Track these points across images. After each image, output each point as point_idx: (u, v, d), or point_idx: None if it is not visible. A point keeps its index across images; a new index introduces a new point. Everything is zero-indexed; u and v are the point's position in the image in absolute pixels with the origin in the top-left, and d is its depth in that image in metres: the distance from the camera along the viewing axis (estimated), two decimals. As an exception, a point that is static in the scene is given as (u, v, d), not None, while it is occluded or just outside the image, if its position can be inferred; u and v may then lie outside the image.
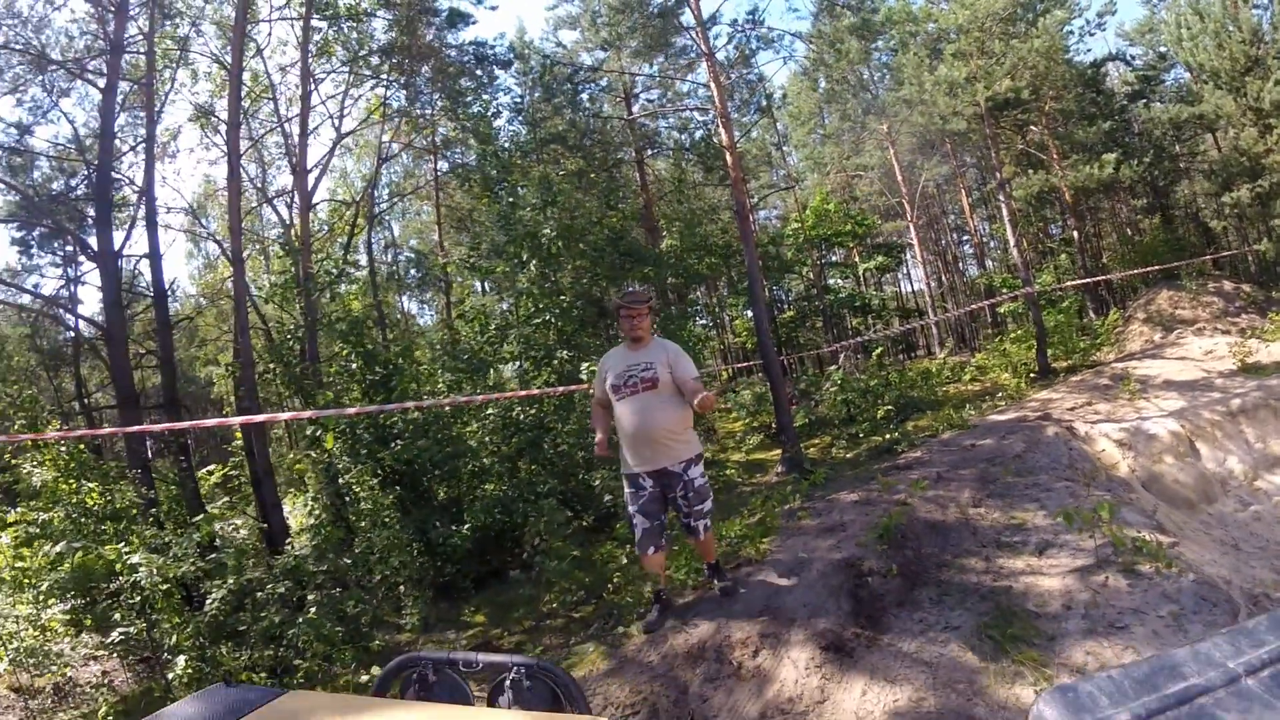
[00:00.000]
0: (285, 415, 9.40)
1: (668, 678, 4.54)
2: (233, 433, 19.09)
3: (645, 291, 5.25)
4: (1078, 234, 25.28)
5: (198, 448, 20.40)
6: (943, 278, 37.66)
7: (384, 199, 25.19)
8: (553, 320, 10.15)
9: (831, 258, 31.52)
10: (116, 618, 6.41)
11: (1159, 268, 18.93)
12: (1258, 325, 14.99)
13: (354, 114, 20.59)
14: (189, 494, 12.85)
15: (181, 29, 15.89)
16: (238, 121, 13.42)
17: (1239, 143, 19.26)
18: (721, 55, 17.12)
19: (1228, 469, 8.35)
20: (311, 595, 6.69)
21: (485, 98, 19.41)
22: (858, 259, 31.90)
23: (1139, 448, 8.27)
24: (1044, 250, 27.79)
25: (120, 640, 6.41)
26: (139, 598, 6.28)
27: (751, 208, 22.95)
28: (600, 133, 20.73)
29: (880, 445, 10.74)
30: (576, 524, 8.43)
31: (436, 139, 23.34)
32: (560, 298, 10.29)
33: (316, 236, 18.09)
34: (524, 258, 10.43)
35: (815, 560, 5.69)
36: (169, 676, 5.88)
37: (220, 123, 16.96)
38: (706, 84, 15.42)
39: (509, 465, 9.19)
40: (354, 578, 7.64)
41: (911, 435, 10.87)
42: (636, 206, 18.96)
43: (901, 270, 38.88)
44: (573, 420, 9.39)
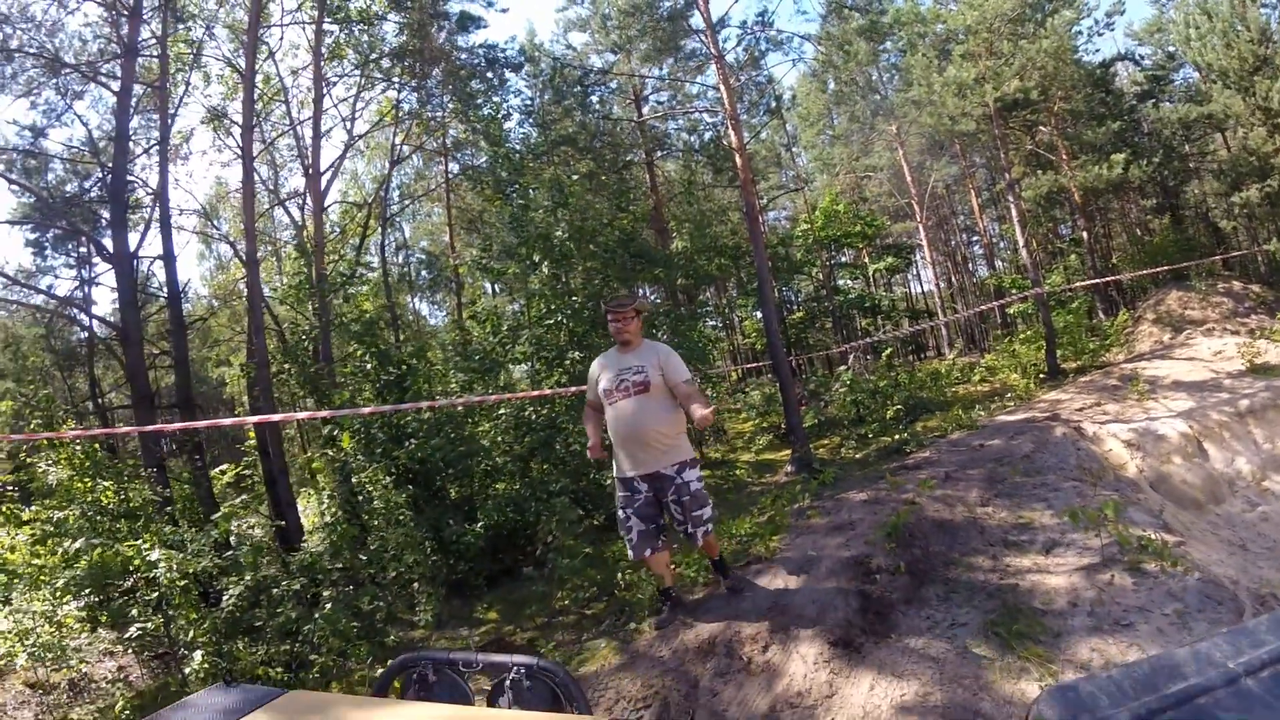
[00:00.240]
0: (302, 415, 9.49)
1: (678, 672, 4.62)
2: (245, 432, 19.21)
3: (631, 295, 5.26)
4: (1087, 234, 25.20)
5: (209, 448, 20.52)
6: (952, 278, 37.61)
7: (395, 201, 25.27)
8: (564, 321, 10.21)
9: (841, 259, 31.51)
10: (134, 613, 6.47)
11: (1168, 268, 18.89)
12: (1267, 326, 14.95)
13: (365, 116, 20.68)
14: (203, 493, 12.96)
15: (194, 32, 15.99)
16: (251, 124, 13.53)
17: (1248, 142, 19.22)
18: (731, 57, 17.16)
19: (1236, 470, 8.36)
20: (327, 592, 6.76)
21: (496, 100, 19.48)
22: (867, 260, 31.90)
23: (1147, 448, 8.29)
24: (1053, 251, 27.72)
25: (137, 636, 6.48)
26: (156, 594, 6.37)
27: (761, 209, 23.02)
28: (610, 134, 20.77)
29: (889, 445, 10.76)
30: (588, 522, 8.48)
31: (447, 141, 23.41)
32: (572, 299, 10.34)
33: (329, 238, 18.19)
34: (536, 259, 10.49)
35: (824, 558, 5.75)
36: (185, 671, 5.95)
37: (233, 125, 17.08)
38: (716, 86, 15.45)
39: (521, 464, 9.24)
40: (368, 575, 7.72)
41: (920, 436, 10.90)
42: (646, 208, 19.01)
43: (911, 271, 38.89)
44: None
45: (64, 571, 6.77)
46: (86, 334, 21.13)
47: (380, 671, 2.19)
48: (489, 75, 20.73)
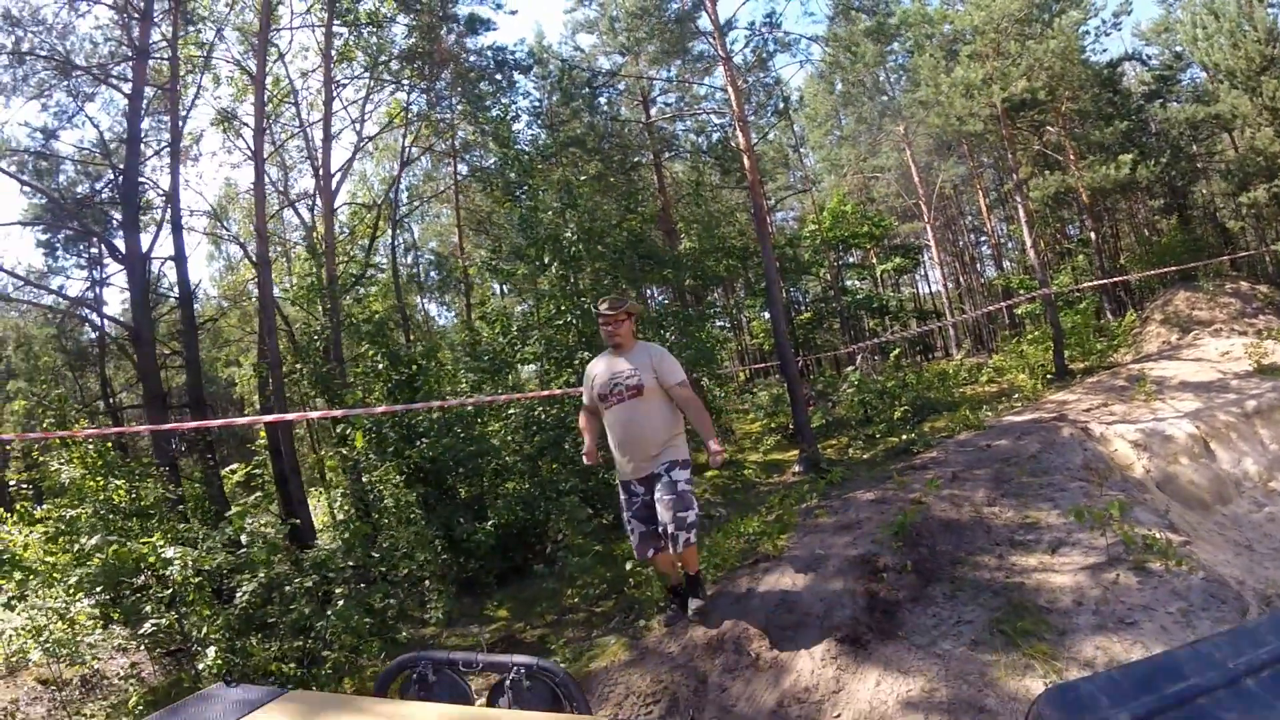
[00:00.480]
0: (316, 414, 9.57)
1: (687, 668, 4.67)
2: (255, 432, 19.30)
3: (622, 297, 5.23)
4: (1095, 235, 25.18)
5: (218, 447, 20.62)
6: (960, 279, 37.58)
7: (404, 202, 25.35)
8: (574, 321, 10.27)
9: (848, 259, 31.56)
10: (147, 610, 6.53)
11: (1176, 268, 18.85)
12: (1274, 326, 14.91)
13: (375, 118, 20.78)
14: (214, 492, 13.06)
15: (204, 34, 16.08)
16: (263, 127, 13.62)
17: (1255, 142, 19.18)
18: (738, 59, 17.19)
19: (1243, 470, 8.34)
20: (339, 589, 6.83)
21: (505, 102, 19.55)
22: (875, 260, 31.93)
23: (1154, 449, 8.29)
24: (1062, 251, 27.69)
25: (150, 632, 6.54)
26: (169, 591, 6.44)
27: (768, 210, 23.04)
28: (618, 136, 20.83)
29: (897, 446, 10.78)
30: (597, 521, 8.55)
31: (456, 143, 23.49)
32: (581, 299, 10.41)
33: (338, 239, 18.29)
34: (545, 260, 10.56)
35: (832, 556, 5.79)
36: (199, 667, 6.02)
37: (243, 126, 17.19)
38: (723, 87, 15.52)
39: (531, 464, 9.31)
40: (379, 573, 7.79)
41: (928, 436, 10.90)
42: (655, 209, 19.07)
43: (919, 271, 38.83)
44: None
45: (76, 569, 6.84)
46: (97, 334, 21.26)
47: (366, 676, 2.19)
48: (498, 77, 20.82)
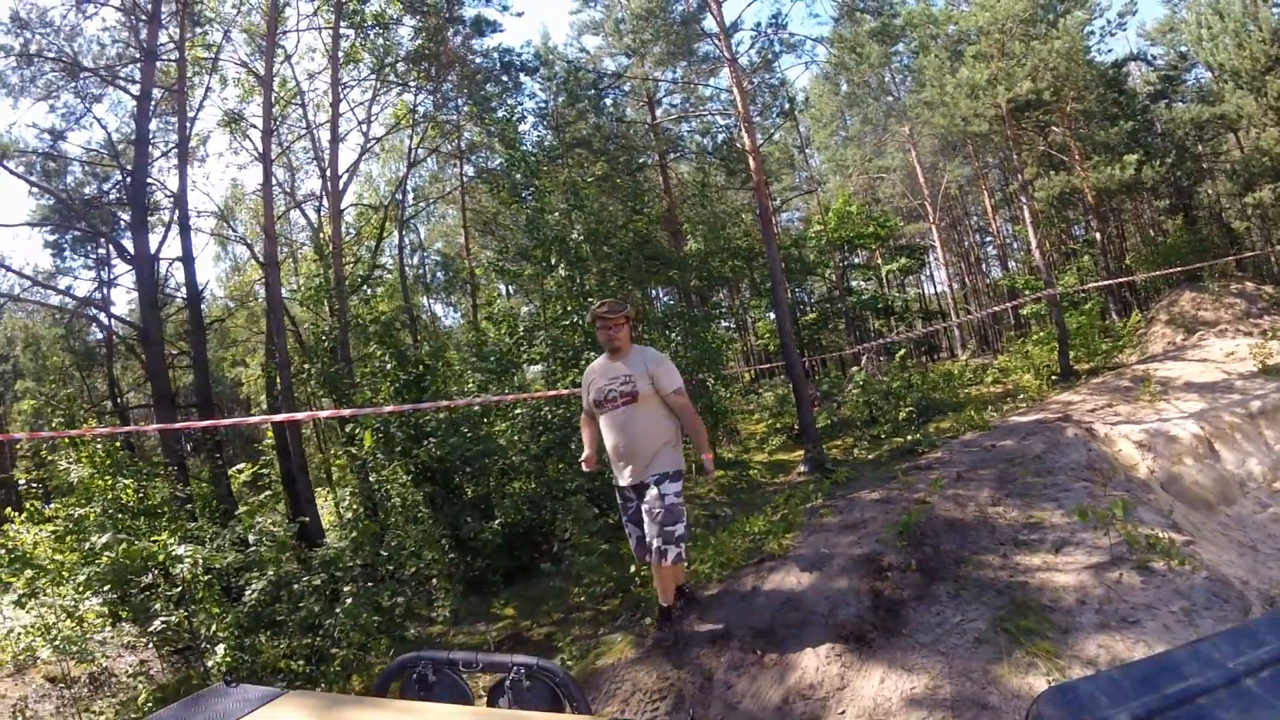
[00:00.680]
0: (325, 414, 9.62)
1: (693, 665, 4.72)
2: (262, 432, 19.38)
3: (621, 302, 5.17)
4: (1100, 235, 25.13)
5: (225, 447, 20.72)
6: (965, 279, 37.56)
7: (410, 203, 25.43)
8: (580, 322, 10.31)
9: (854, 260, 31.55)
10: (156, 608, 6.59)
11: (1181, 269, 18.81)
12: (1279, 326, 14.93)
13: (381, 119, 20.82)
14: (222, 491, 13.12)
15: (211, 36, 16.15)
16: (270, 129, 13.69)
17: (1260, 143, 19.15)
18: (744, 60, 17.20)
19: (1247, 471, 8.36)
20: (347, 587, 6.88)
21: (511, 103, 19.61)
22: (880, 261, 31.93)
23: (1158, 449, 8.32)
24: (1067, 252, 27.65)
25: (159, 630, 6.60)
26: (178, 589, 6.50)
27: (774, 210, 23.06)
28: (624, 137, 20.86)
29: (902, 446, 10.82)
30: (603, 520, 8.58)
31: (462, 144, 23.55)
32: (588, 300, 10.45)
33: (345, 241, 18.36)
34: (551, 261, 10.61)
35: (836, 555, 5.83)
36: (209, 664, 6.09)
37: (250, 127, 17.27)
38: (729, 88, 15.56)
39: (537, 463, 9.36)
40: (387, 571, 7.84)
41: (933, 436, 10.94)
42: (660, 210, 19.12)
43: (924, 272, 38.85)
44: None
45: (85, 567, 6.89)
46: (105, 334, 21.35)
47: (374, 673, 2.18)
48: (504, 79, 20.87)
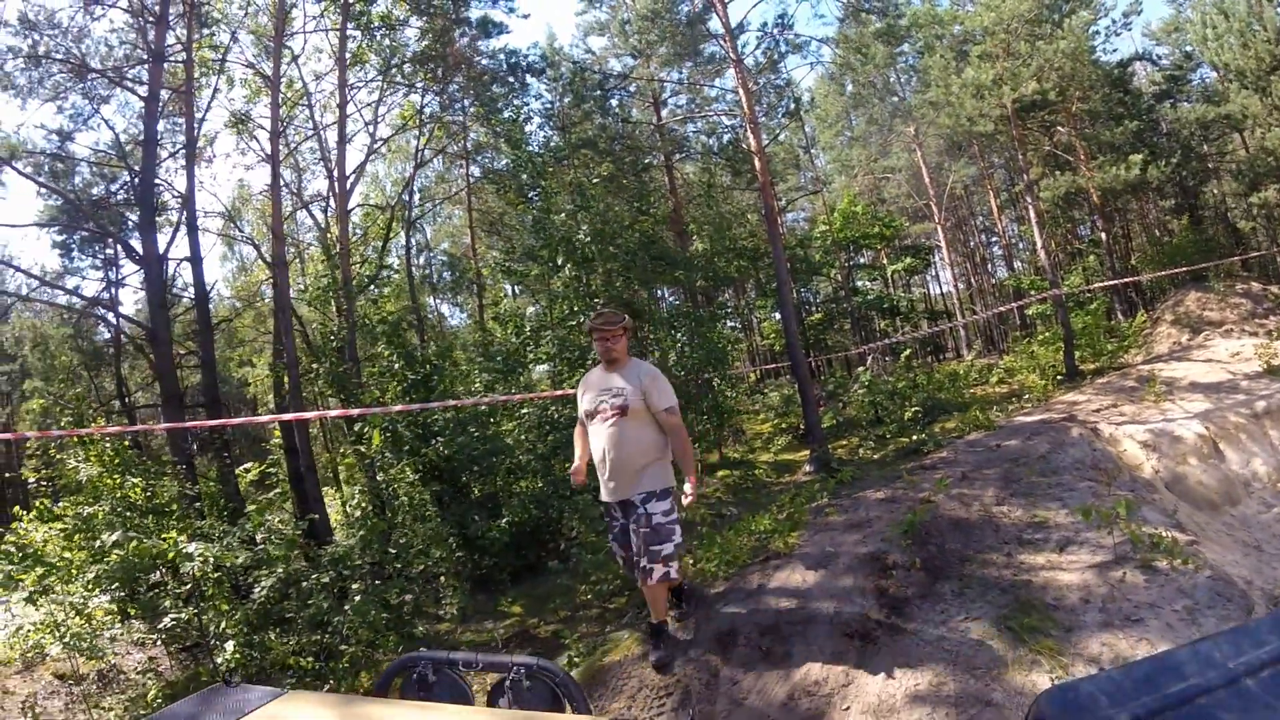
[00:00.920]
0: (335, 412, 9.69)
1: (700, 662, 4.76)
2: (269, 431, 19.42)
3: (618, 313, 5.05)
4: (1106, 235, 25.11)
5: (232, 446, 20.78)
6: (971, 279, 37.53)
7: (417, 204, 25.50)
8: (587, 322, 10.36)
9: (859, 260, 31.58)
10: (166, 605, 6.64)
11: (1187, 269, 18.80)
12: (1285, 327, 14.92)
13: (388, 120, 20.88)
14: (230, 490, 13.18)
15: (219, 37, 16.19)
16: (279, 130, 13.75)
17: (1265, 143, 19.14)
18: (749, 61, 17.26)
19: (1252, 471, 8.37)
20: (356, 585, 6.93)
21: (517, 104, 19.68)
22: (885, 261, 31.92)
23: (1163, 449, 8.33)
24: (1072, 252, 27.64)
25: (169, 627, 6.66)
26: (188, 586, 6.56)
27: (779, 210, 23.13)
28: (630, 138, 20.93)
29: (907, 446, 10.82)
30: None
31: (468, 144, 23.62)
32: (594, 300, 10.51)
33: (352, 241, 18.42)
34: (558, 261, 10.66)
35: (842, 554, 5.87)
36: (218, 661, 6.15)
37: (257, 128, 17.33)
38: (734, 89, 15.60)
39: (544, 463, 9.41)
40: (395, 569, 7.89)
41: (938, 436, 10.95)
42: (666, 210, 19.16)
43: (929, 272, 38.88)
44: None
45: (93, 565, 6.94)
46: (113, 334, 21.43)
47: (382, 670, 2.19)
48: (510, 80, 20.93)
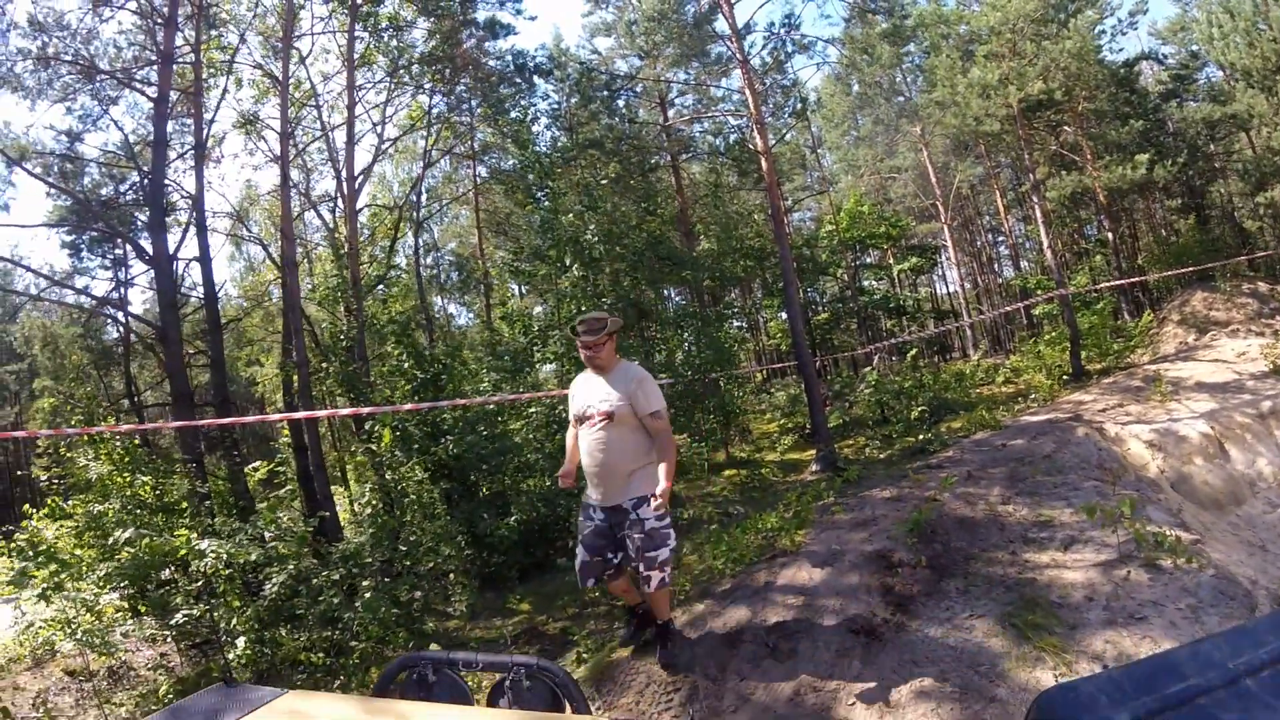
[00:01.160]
0: (345, 411, 9.74)
1: (707, 658, 4.81)
2: (278, 430, 19.52)
3: (601, 319, 4.86)
4: (1112, 235, 25.07)
5: (241, 445, 20.87)
6: (977, 279, 37.51)
7: (425, 204, 25.56)
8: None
9: (866, 260, 31.49)
10: (177, 601, 6.70)
11: (1193, 269, 18.78)
12: (1291, 326, 14.91)
13: (396, 121, 20.93)
14: (239, 489, 13.26)
15: (227, 38, 16.26)
16: (288, 131, 13.82)
17: (1271, 142, 19.09)
18: (755, 61, 17.24)
19: (1257, 471, 8.40)
20: (366, 582, 7.00)
21: (524, 104, 19.74)
22: (892, 261, 31.87)
23: (1168, 449, 8.37)
24: (1079, 251, 27.61)
25: (180, 624, 6.72)
26: (198, 583, 6.63)
27: (786, 210, 23.10)
28: (636, 138, 20.95)
29: (913, 445, 10.87)
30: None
31: (476, 145, 23.67)
32: (601, 300, 10.56)
33: (360, 242, 18.49)
34: (566, 261, 10.72)
35: (848, 552, 5.92)
36: (229, 657, 6.22)
37: (266, 129, 17.43)
38: (741, 89, 15.61)
39: (552, 461, 9.45)
40: (404, 566, 7.96)
41: (944, 436, 10.99)
42: (673, 210, 19.21)
43: (936, 272, 38.75)
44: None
45: (103, 563, 7.00)
46: (122, 333, 21.54)
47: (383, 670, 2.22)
48: (517, 80, 20.96)
